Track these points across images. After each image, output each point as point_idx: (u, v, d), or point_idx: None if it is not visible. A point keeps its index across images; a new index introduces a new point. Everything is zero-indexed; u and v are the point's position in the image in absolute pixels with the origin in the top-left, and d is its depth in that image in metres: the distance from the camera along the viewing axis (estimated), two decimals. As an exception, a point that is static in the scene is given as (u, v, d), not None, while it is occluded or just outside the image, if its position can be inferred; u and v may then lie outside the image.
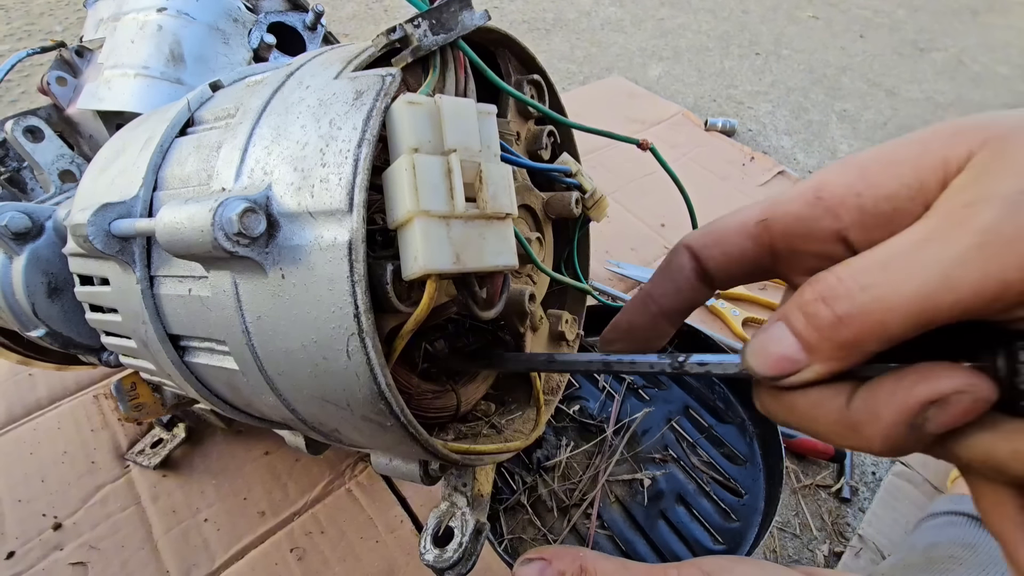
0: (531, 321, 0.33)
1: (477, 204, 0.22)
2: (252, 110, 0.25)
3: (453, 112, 0.22)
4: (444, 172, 0.21)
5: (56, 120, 0.52)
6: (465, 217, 0.22)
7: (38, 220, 0.38)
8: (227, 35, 0.51)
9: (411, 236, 0.21)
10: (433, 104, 0.22)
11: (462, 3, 0.25)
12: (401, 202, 0.21)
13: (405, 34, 0.24)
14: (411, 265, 0.21)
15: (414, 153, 0.21)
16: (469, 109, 0.23)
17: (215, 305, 0.24)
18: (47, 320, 0.39)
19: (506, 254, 0.23)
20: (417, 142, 0.21)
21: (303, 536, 0.54)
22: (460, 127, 0.22)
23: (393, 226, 0.21)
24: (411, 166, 0.20)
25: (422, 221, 0.20)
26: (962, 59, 1.73)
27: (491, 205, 0.23)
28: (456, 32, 0.25)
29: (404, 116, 0.21)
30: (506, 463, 0.52)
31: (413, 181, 0.20)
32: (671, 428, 0.56)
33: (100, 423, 0.62)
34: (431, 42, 0.24)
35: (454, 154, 0.22)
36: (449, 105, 0.22)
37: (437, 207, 0.21)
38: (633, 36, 1.68)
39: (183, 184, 0.27)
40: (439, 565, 0.30)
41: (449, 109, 0.22)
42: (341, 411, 0.23)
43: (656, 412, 0.57)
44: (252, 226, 0.21)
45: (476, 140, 0.23)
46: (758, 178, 1.08)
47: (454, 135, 0.22)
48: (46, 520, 0.54)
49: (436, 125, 0.22)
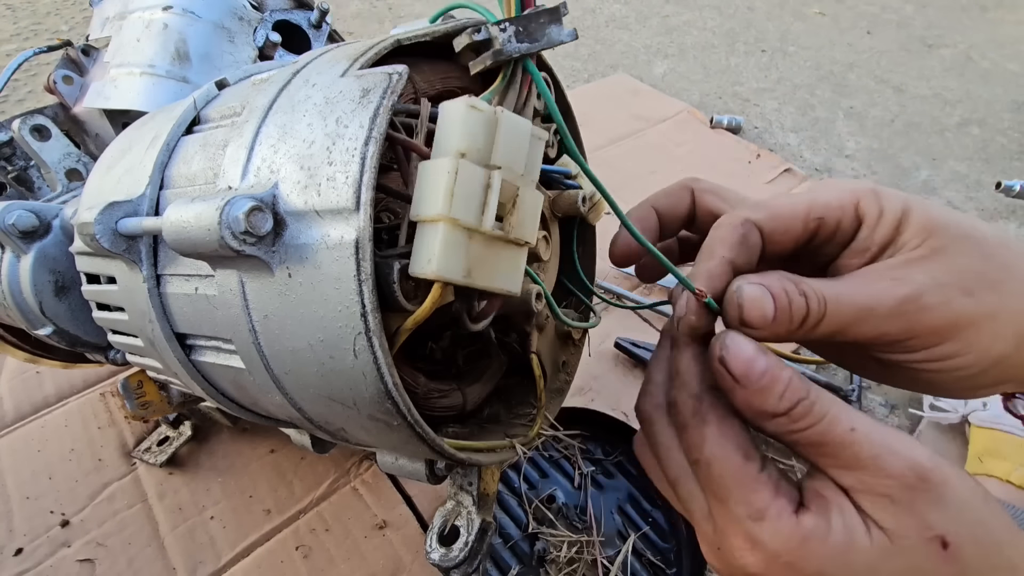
0: (537, 320, 0.33)
1: (503, 226, 0.22)
2: (258, 108, 0.25)
3: (510, 129, 0.22)
4: (483, 186, 0.21)
5: (63, 119, 0.52)
6: (488, 236, 0.21)
7: (45, 219, 0.38)
8: (232, 33, 0.51)
9: (432, 237, 0.20)
10: (493, 115, 0.21)
11: (553, 16, 0.25)
12: (433, 201, 0.20)
13: (489, 36, 0.23)
14: (423, 265, 0.20)
15: (460, 158, 0.20)
16: (525, 130, 0.22)
17: (222, 304, 0.24)
18: (54, 318, 0.39)
19: (514, 280, 0.23)
20: (467, 147, 0.21)
21: (308, 534, 0.54)
22: (512, 145, 0.22)
23: (416, 219, 0.21)
24: (455, 170, 0.20)
25: (448, 227, 0.20)
26: (971, 55, 1.71)
27: (515, 231, 0.22)
28: (541, 44, 0.24)
29: (461, 117, 0.21)
30: (503, 559, 0.54)
31: (452, 185, 0.20)
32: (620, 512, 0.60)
33: (107, 421, 0.63)
34: (514, 48, 0.24)
35: (498, 171, 0.21)
36: (508, 121, 0.22)
37: (467, 218, 0.20)
38: (638, 33, 1.68)
39: (189, 182, 0.27)
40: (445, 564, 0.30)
41: (507, 125, 0.22)
42: (347, 410, 0.23)
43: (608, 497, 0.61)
44: (259, 225, 0.20)
45: (522, 163, 0.23)
46: (764, 176, 1.08)
47: (503, 152, 0.22)
48: (54, 517, 0.55)
49: (489, 136, 0.21)
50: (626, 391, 0.69)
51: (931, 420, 0.65)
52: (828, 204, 0.25)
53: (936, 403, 0.64)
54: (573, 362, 0.38)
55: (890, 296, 0.22)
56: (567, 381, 0.37)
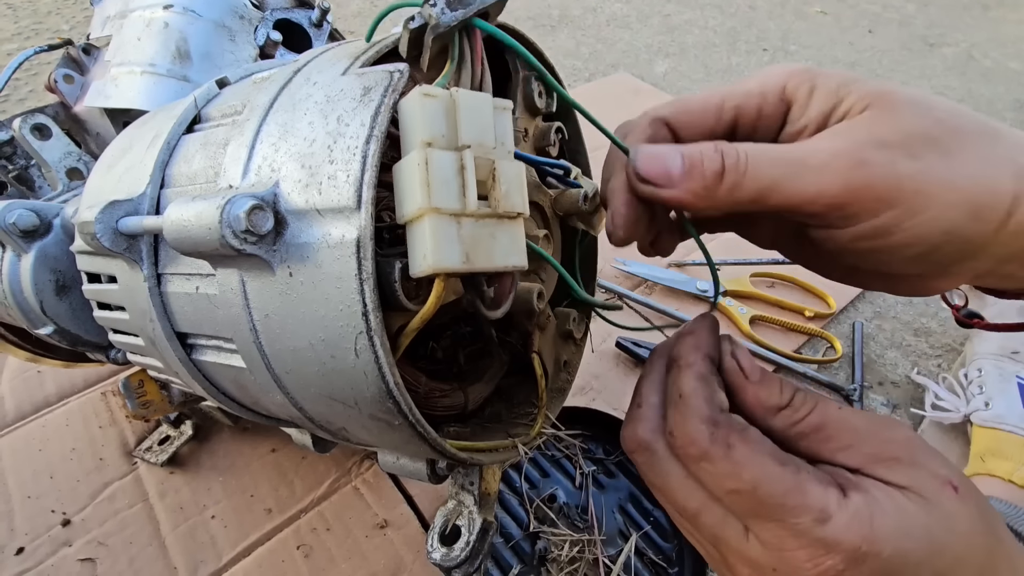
0: (538, 319, 0.33)
1: (489, 202, 0.22)
2: (259, 107, 0.25)
3: (469, 107, 0.21)
4: (457, 168, 0.21)
5: (63, 118, 0.52)
6: (476, 216, 0.21)
7: (46, 218, 0.38)
8: (233, 32, 0.51)
9: (420, 233, 0.20)
10: (449, 97, 0.21)
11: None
12: (412, 198, 0.20)
13: (424, 20, 0.23)
14: (420, 263, 0.20)
15: (427, 148, 0.20)
16: (486, 104, 0.22)
17: (222, 303, 0.24)
18: (55, 318, 0.39)
19: (516, 254, 0.23)
20: (431, 136, 0.20)
21: (310, 533, 0.54)
22: (476, 122, 0.22)
23: (402, 221, 0.21)
24: (424, 161, 0.20)
25: (432, 219, 0.20)
26: (972, 54, 1.71)
27: (503, 204, 0.22)
28: (475, 6, 0.24)
29: (418, 109, 0.20)
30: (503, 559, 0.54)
31: (425, 177, 0.20)
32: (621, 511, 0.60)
33: (108, 420, 0.63)
34: (449, 19, 0.23)
35: (468, 150, 0.21)
36: (466, 99, 0.21)
37: (448, 204, 0.20)
38: (639, 32, 1.67)
39: (190, 181, 0.27)
40: (446, 564, 0.30)
41: (466, 103, 0.21)
42: (349, 410, 0.23)
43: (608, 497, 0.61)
44: (259, 224, 0.20)
45: (491, 136, 0.22)
46: (765, 175, 1.08)
47: (469, 131, 0.21)
48: (55, 516, 0.55)
49: (451, 119, 0.21)
50: (627, 391, 0.69)
51: (933, 419, 0.64)
52: (747, 92, 0.23)
53: (938, 403, 0.64)
54: (575, 361, 0.38)
55: (825, 149, 0.20)
56: (568, 380, 0.37)
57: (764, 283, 0.82)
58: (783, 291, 0.81)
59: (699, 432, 0.21)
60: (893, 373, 0.73)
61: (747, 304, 0.78)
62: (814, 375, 0.70)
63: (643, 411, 0.24)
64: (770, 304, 0.79)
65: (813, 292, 0.80)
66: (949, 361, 0.74)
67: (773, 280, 0.82)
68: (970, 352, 0.68)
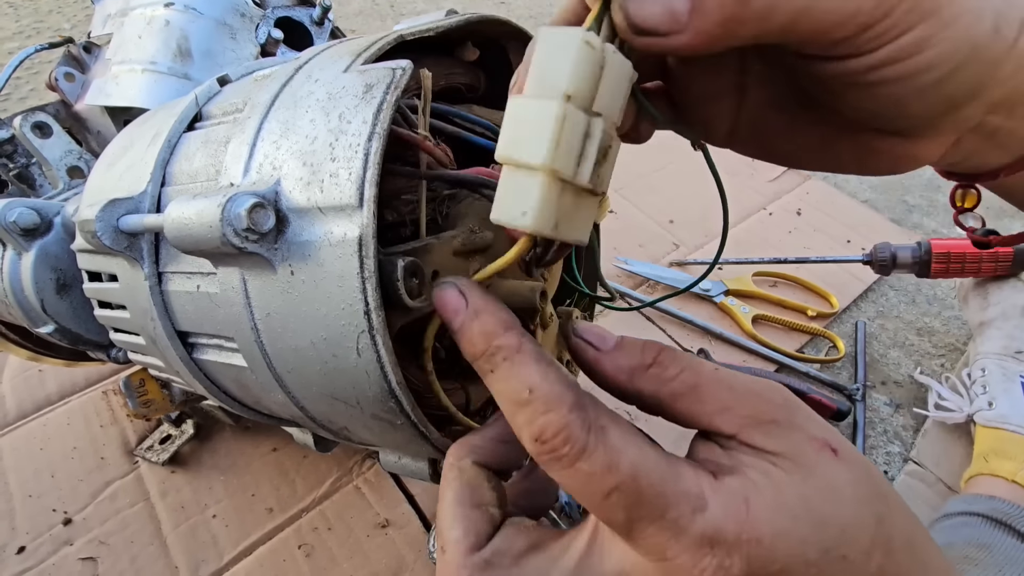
0: (540, 318, 0.33)
1: (591, 179, 0.19)
2: (260, 104, 0.24)
3: (614, 72, 0.18)
4: (582, 134, 0.18)
5: (64, 116, 0.52)
6: (579, 188, 0.19)
7: (46, 216, 0.38)
8: (234, 30, 0.51)
9: (527, 188, 0.18)
10: (601, 54, 0.18)
11: None
12: (537, 148, 0.18)
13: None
14: (516, 218, 0.18)
15: (567, 101, 0.17)
16: (626, 73, 0.19)
17: (224, 302, 0.24)
18: (56, 316, 0.39)
19: (585, 231, 0.21)
20: (575, 90, 0.18)
21: (311, 533, 0.54)
22: (613, 91, 0.19)
23: (508, 161, 0.19)
24: (563, 116, 0.17)
25: (549, 179, 0.18)
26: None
27: (603, 184, 0.20)
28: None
29: (574, 54, 0.17)
30: None
31: (559, 135, 0.17)
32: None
33: (109, 419, 0.63)
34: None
35: (599, 119, 0.19)
36: (613, 62, 0.18)
37: (566, 170, 0.18)
38: (641, 31, 1.67)
39: (191, 179, 0.27)
40: (448, 564, 0.30)
41: (612, 66, 0.18)
42: (350, 409, 0.23)
43: None
44: (261, 222, 0.20)
45: (618, 110, 0.20)
46: (767, 174, 1.07)
47: (605, 98, 0.19)
48: (56, 515, 0.55)
49: (595, 79, 0.18)
50: (629, 390, 0.68)
51: (936, 419, 0.64)
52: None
53: (941, 403, 0.64)
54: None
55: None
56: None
57: (766, 282, 0.81)
58: (785, 290, 0.81)
59: (572, 422, 0.18)
60: (896, 373, 0.73)
61: (749, 303, 0.77)
62: (817, 375, 0.70)
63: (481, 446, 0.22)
64: (772, 303, 0.79)
65: (816, 291, 0.79)
66: (952, 361, 0.74)
67: (775, 279, 0.82)
68: (973, 352, 0.68)
